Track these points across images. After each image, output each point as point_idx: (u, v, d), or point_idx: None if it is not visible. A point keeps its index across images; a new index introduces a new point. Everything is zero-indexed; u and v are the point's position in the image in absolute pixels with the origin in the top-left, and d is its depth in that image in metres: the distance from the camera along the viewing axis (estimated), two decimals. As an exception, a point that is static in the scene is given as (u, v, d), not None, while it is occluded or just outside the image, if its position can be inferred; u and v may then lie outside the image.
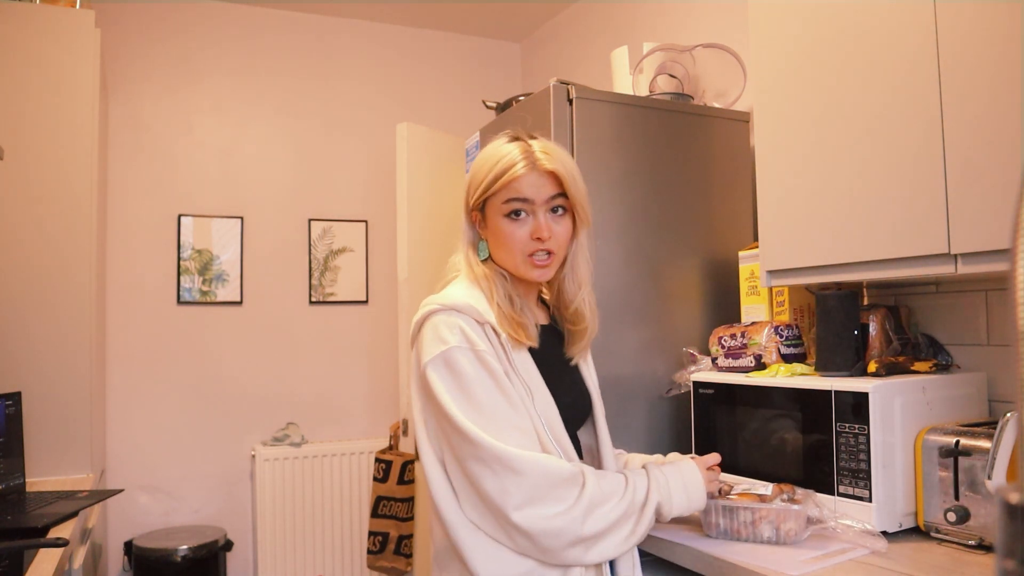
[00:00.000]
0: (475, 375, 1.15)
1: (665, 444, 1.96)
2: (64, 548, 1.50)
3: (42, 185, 2.28)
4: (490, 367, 1.15)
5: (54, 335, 2.27)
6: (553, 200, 1.24)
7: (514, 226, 1.23)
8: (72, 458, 2.27)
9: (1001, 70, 1.26)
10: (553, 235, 1.23)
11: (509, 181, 1.21)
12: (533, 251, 1.23)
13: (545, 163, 1.22)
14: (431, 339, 1.18)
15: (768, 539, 1.40)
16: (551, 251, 1.24)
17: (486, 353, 1.16)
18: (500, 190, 1.22)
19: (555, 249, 1.25)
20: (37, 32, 2.30)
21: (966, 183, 1.33)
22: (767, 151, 1.76)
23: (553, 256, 1.25)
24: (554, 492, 1.12)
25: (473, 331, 1.17)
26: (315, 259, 3.44)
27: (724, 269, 2.08)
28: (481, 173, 1.25)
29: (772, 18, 1.74)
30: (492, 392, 1.15)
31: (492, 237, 1.27)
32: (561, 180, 1.23)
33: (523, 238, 1.23)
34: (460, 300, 1.20)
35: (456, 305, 1.19)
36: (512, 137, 1.27)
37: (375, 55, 3.61)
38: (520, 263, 1.24)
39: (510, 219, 1.23)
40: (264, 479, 3.14)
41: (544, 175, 1.22)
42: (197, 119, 3.28)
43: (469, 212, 1.30)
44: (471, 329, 1.17)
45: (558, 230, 1.24)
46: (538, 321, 1.32)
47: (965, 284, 1.69)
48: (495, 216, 1.24)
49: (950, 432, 1.40)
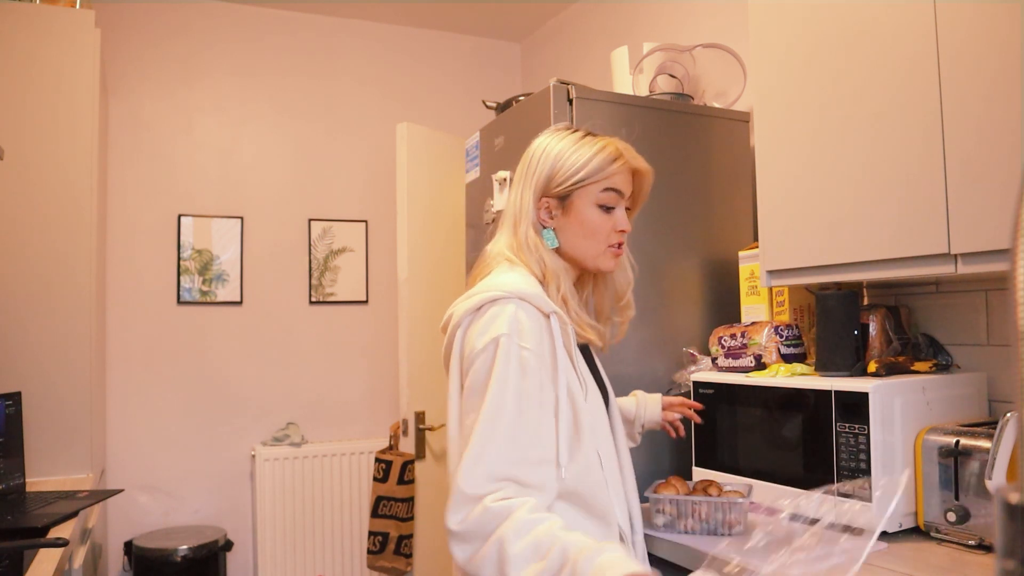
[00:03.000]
0: (514, 368, 1.11)
1: (665, 444, 1.96)
2: (64, 548, 1.50)
3: (42, 185, 2.28)
4: (528, 365, 1.11)
5: (54, 335, 2.27)
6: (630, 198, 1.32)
7: (605, 217, 1.27)
8: (72, 458, 2.27)
9: (1001, 70, 1.26)
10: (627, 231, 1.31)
11: (614, 172, 1.26)
12: (616, 243, 1.29)
13: (634, 162, 1.30)
14: (485, 328, 1.14)
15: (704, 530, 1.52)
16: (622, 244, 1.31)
17: (530, 352, 1.12)
18: (603, 179, 1.26)
19: (624, 243, 1.32)
20: (37, 32, 2.30)
21: (966, 183, 1.33)
22: (767, 151, 1.76)
23: (622, 248, 1.32)
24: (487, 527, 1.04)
25: (532, 322, 1.15)
26: (315, 259, 3.44)
27: (724, 269, 2.08)
28: (572, 160, 1.25)
29: (772, 18, 1.74)
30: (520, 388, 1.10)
31: (574, 226, 1.27)
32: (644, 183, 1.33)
33: (611, 229, 1.28)
34: (525, 288, 1.17)
35: (521, 293, 1.16)
36: (586, 132, 1.31)
37: (375, 55, 3.61)
38: (601, 253, 1.28)
39: (603, 210, 1.27)
40: (264, 479, 3.14)
41: (630, 172, 1.30)
42: (197, 119, 3.28)
43: (540, 197, 1.27)
44: (529, 320, 1.15)
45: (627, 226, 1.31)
46: None
47: (965, 284, 1.69)
48: (586, 205, 1.27)
49: (950, 432, 1.40)
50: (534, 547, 1.00)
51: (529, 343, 1.13)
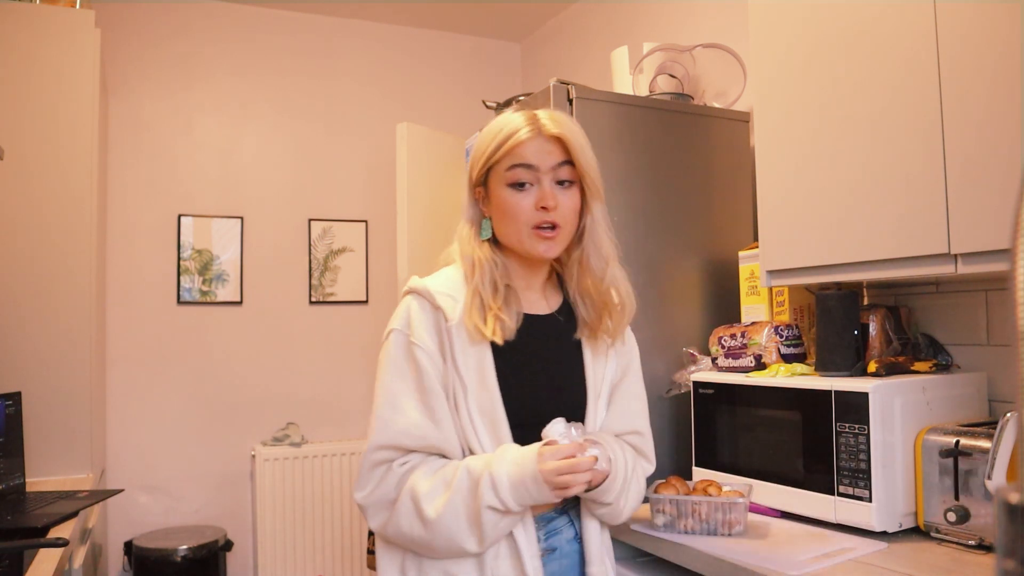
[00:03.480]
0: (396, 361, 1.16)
1: (665, 444, 1.96)
2: (64, 548, 1.50)
3: (42, 185, 2.28)
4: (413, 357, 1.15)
5: (54, 335, 2.27)
6: (559, 169, 1.17)
7: (518, 196, 1.16)
8: (72, 458, 2.27)
9: (1001, 70, 1.26)
10: (559, 206, 1.16)
11: (513, 147, 1.16)
12: (539, 223, 1.16)
13: (550, 127, 1.16)
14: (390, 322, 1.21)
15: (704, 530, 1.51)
16: (557, 224, 1.17)
17: (417, 347, 1.15)
18: (504, 157, 1.17)
19: (561, 222, 1.17)
20: (37, 32, 2.30)
21: (966, 183, 1.33)
22: (767, 151, 1.76)
23: (560, 230, 1.17)
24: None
25: (423, 316, 1.17)
26: (315, 259, 3.44)
27: (724, 269, 2.08)
28: (484, 143, 1.21)
29: (772, 18, 1.74)
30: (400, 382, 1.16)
31: (496, 211, 1.20)
32: (567, 145, 1.16)
33: (528, 208, 1.16)
34: (422, 283, 1.20)
35: (415, 287, 1.19)
36: (518, 109, 1.24)
37: (375, 55, 3.61)
38: (525, 236, 1.17)
39: (514, 189, 1.17)
40: (264, 479, 3.14)
41: (549, 140, 1.16)
42: (197, 119, 3.28)
43: (472, 188, 1.24)
44: (422, 314, 1.17)
45: (564, 201, 1.17)
46: (547, 309, 1.27)
47: (965, 284, 1.69)
48: (498, 187, 1.18)
49: (950, 432, 1.40)
50: (442, 481, 1.11)
51: (418, 336, 1.16)
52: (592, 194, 1.22)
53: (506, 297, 1.19)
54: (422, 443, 1.13)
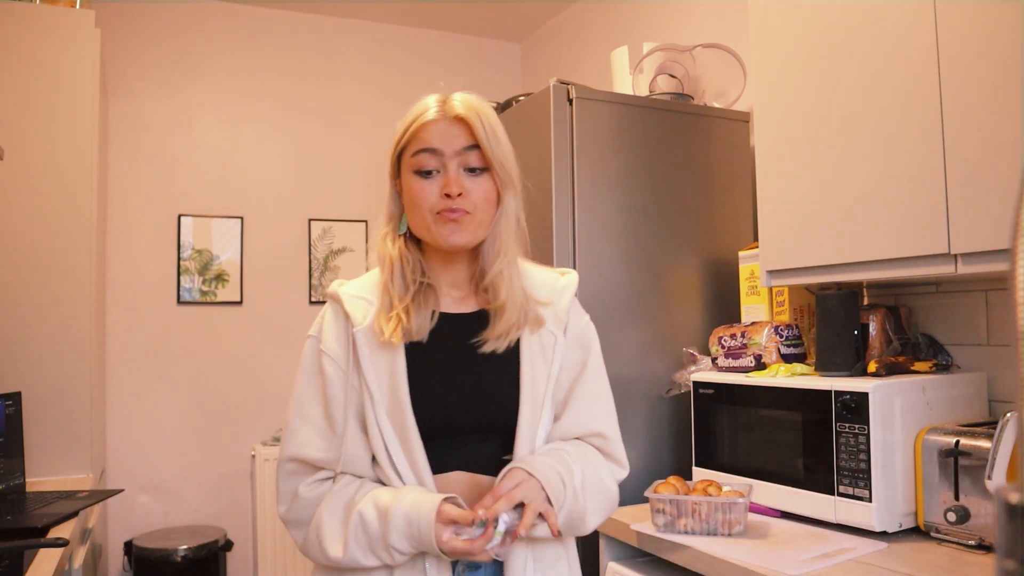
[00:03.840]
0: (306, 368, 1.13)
1: (665, 444, 1.96)
2: (64, 548, 1.50)
3: (42, 185, 2.28)
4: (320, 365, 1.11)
5: (54, 335, 2.27)
6: (467, 154, 1.09)
7: (423, 183, 1.09)
8: (72, 458, 2.27)
9: (1001, 70, 1.26)
10: (467, 192, 1.08)
11: (418, 130, 1.09)
12: (443, 209, 1.08)
13: (457, 107, 1.09)
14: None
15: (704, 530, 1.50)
16: (466, 211, 1.08)
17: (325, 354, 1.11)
18: (410, 141, 1.10)
19: (470, 209, 1.08)
20: (37, 32, 2.30)
21: (966, 183, 1.33)
22: (767, 151, 1.76)
23: (469, 217, 1.08)
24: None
25: (334, 323, 1.13)
26: (315, 259, 3.44)
27: (724, 269, 2.08)
28: (397, 129, 1.14)
29: (772, 18, 1.74)
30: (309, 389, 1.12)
31: (405, 201, 1.13)
32: (473, 128, 1.08)
33: (432, 194, 1.08)
34: (336, 287, 1.16)
35: (329, 292, 1.17)
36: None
37: (375, 55, 3.61)
38: (431, 223, 1.09)
39: (420, 176, 1.09)
40: (264, 479, 3.14)
41: (455, 123, 1.08)
42: (197, 119, 3.28)
43: (392, 181, 1.17)
44: (334, 320, 1.13)
45: (473, 188, 1.09)
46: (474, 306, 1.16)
47: (965, 284, 1.69)
48: (407, 175, 1.11)
49: (950, 432, 1.40)
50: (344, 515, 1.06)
51: (326, 344, 1.12)
52: (502, 183, 1.11)
53: (419, 295, 1.12)
54: (325, 454, 1.09)
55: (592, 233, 1.92)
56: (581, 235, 1.90)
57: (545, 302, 1.16)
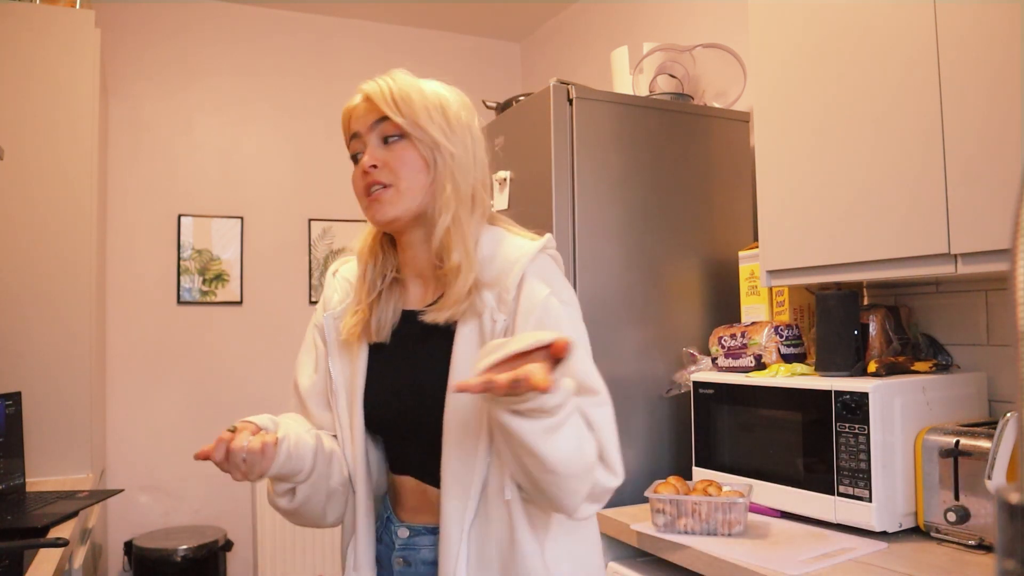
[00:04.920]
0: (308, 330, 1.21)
1: (665, 444, 1.96)
2: (64, 548, 1.50)
3: (42, 185, 2.28)
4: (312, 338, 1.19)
5: (54, 335, 2.27)
6: (379, 126, 1.04)
7: (356, 167, 1.07)
8: (72, 458, 2.27)
9: (1001, 70, 1.26)
10: (383, 163, 1.03)
11: (346, 121, 1.09)
12: (365, 186, 1.05)
13: (364, 86, 1.06)
14: None
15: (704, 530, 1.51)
16: (385, 183, 1.03)
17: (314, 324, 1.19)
18: (346, 130, 1.09)
19: (391, 180, 1.03)
20: (37, 32, 2.30)
21: (966, 183, 1.33)
22: (767, 151, 1.76)
23: (391, 189, 1.03)
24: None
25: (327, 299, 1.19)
26: (315, 259, 3.44)
27: (724, 269, 2.08)
28: None
29: (772, 18, 1.74)
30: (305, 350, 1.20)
31: None
32: (374, 99, 1.03)
33: (358, 177, 1.06)
34: (337, 265, 1.22)
35: (330, 270, 1.22)
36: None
37: (375, 55, 3.61)
38: (366, 206, 1.06)
39: (354, 164, 1.08)
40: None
41: (365, 101, 1.06)
42: (197, 119, 3.28)
43: None
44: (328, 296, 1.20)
45: (389, 156, 1.03)
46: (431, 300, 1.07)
47: (965, 284, 1.69)
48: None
49: (950, 432, 1.40)
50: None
51: (317, 316, 1.19)
52: (429, 146, 1.03)
53: (386, 292, 1.10)
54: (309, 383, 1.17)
55: (592, 233, 1.92)
56: (581, 235, 1.90)
57: (490, 283, 1.02)
